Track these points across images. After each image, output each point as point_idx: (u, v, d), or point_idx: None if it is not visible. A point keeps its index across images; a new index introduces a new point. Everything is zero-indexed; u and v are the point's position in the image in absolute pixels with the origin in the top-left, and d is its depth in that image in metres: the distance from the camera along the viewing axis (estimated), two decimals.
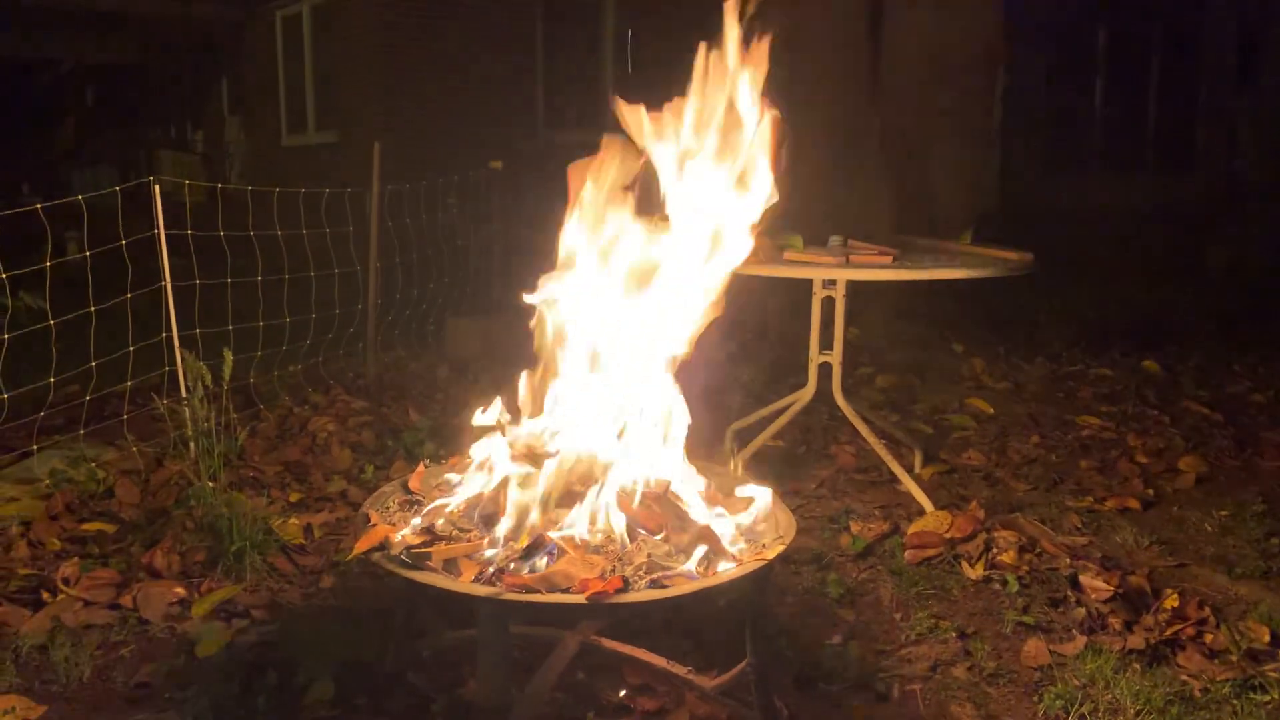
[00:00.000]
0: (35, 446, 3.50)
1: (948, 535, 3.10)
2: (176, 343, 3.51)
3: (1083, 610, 2.67)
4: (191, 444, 3.32)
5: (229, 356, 3.16)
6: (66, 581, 2.73)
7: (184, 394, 3.41)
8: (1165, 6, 11.99)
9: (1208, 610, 2.63)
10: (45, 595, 2.69)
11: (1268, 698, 2.27)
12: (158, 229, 3.55)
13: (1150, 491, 3.64)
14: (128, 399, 3.74)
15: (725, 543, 1.91)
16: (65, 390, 3.72)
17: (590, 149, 2.09)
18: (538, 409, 2.12)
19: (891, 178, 5.86)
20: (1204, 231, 9.37)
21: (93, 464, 3.51)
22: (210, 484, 3.02)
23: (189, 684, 2.29)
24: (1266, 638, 2.52)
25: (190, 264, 3.95)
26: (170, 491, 3.32)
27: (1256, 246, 8.70)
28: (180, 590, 2.72)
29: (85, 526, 3.12)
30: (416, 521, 1.97)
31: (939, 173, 5.94)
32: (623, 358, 2.09)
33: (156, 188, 3.59)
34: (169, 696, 2.26)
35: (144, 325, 3.73)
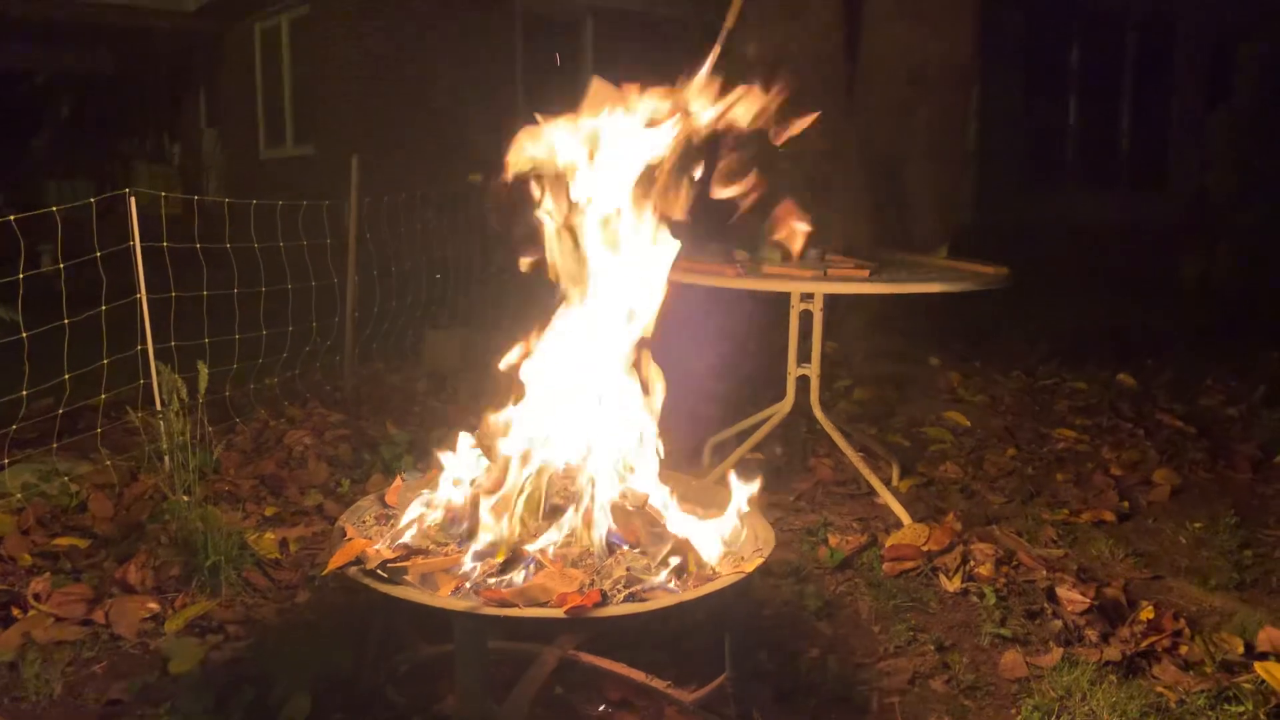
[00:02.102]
0: (7, 460, 3.46)
1: (925, 548, 3.11)
2: (151, 355, 3.48)
3: (1059, 622, 2.69)
4: (166, 458, 3.29)
5: (204, 369, 3.14)
6: (38, 597, 2.69)
7: (159, 407, 3.38)
8: (1137, 24, 12.14)
9: (1182, 622, 2.65)
10: (16, 611, 2.65)
11: (1242, 709, 2.28)
12: (133, 241, 3.53)
13: (1125, 504, 3.67)
14: (102, 412, 3.71)
15: (704, 555, 1.91)
16: (38, 403, 3.69)
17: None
18: (515, 421, 2.12)
19: (868, 192, 5.90)
20: (1177, 246, 9.48)
21: (65, 478, 3.47)
22: (185, 498, 2.99)
23: (162, 701, 2.26)
24: (1240, 649, 2.54)
25: (166, 276, 3.92)
26: (144, 506, 3.28)
27: (1228, 261, 8.81)
28: (154, 605, 2.69)
29: (57, 541, 3.08)
30: (393, 536, 1.96)
31: (915, 188, 5.99)
32: (600, 369, 2.09)
33: (133, 200, 3.57)
34: (142, 714, 2.24)
35: (119, 338, 3.70)
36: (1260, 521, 3.55)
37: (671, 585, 1.80)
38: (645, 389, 2.11)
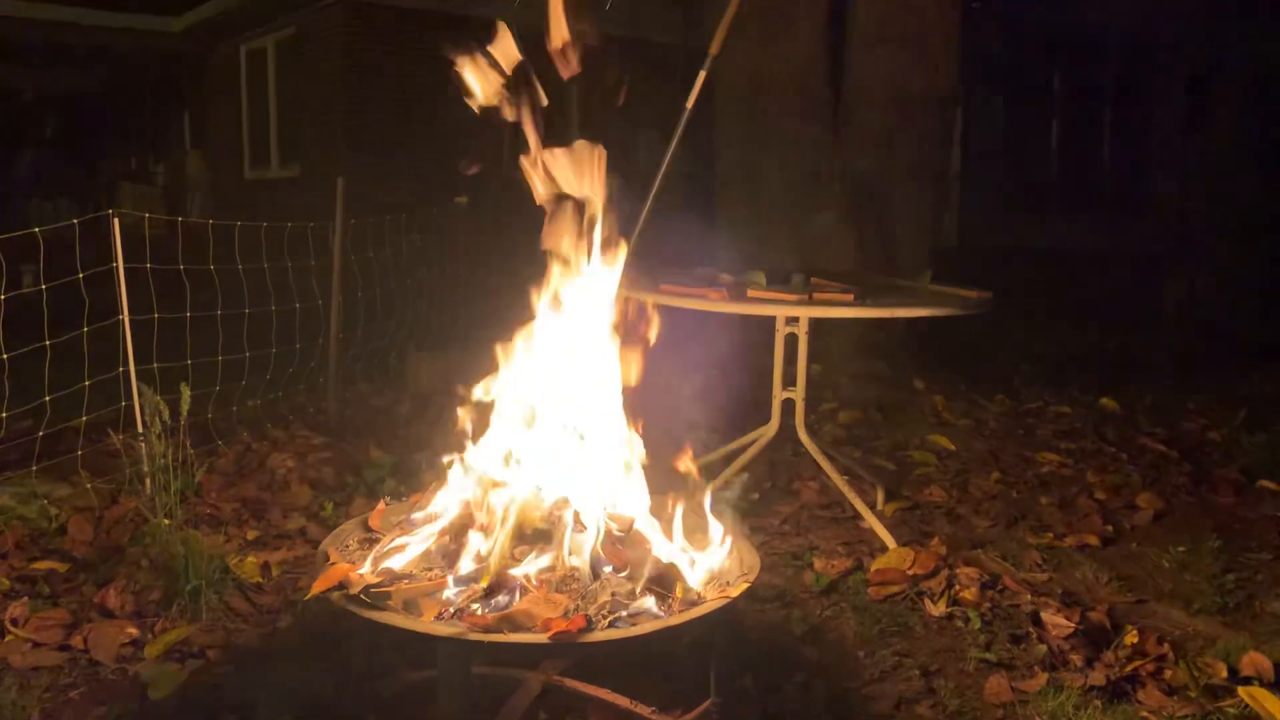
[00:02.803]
0: None
1: (910, 572, 3.11)
2: (134, 377, 3.46)
3: (1044, 647, 2.69)
4: (147, 480, 3.26)
5: (187, 391, 3.12)
6: (15, 622, 2.66)
7: (140, 429, 3.36)
8: (1117, 52, 12.29)
9: (1166, 646, 2.66)
10: None
11: None
12: (116, 262, 3.51)
13: (1109, 528, 3.68)
14: (82, 434, 3.68)
15: (689, 580, 1.90)
16: (18, 425, 3.65)
17: None
18: (499, 444, 2.11)
19: (853, 217, 5.93)
20: (1157, 271, 9.56)
21: (45, 501, 3.43)
22: (166, 521, 2.96)
23: None
24: (1224, 673, 2.54)
25: (149, 297, 3.90)
26: (125, 529, 3.25)
27: (1208, 286, 8.89)
28: (133, 630, 2.66)
29: (36, 565, 3.05)
30: (376, 560, 1.95)
31: (899, 212, 6.02)
32: (584, 393, 2.10)
33: (116, 220, 3.56)
34: None
35: (100, 359, 3.67)
36: (1243, 545, 3.56)
37: (657, 610, 1.79)
38: (631, 410, 2.11)
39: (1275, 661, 2.56)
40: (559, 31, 2.03)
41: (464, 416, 2.15)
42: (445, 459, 2.12)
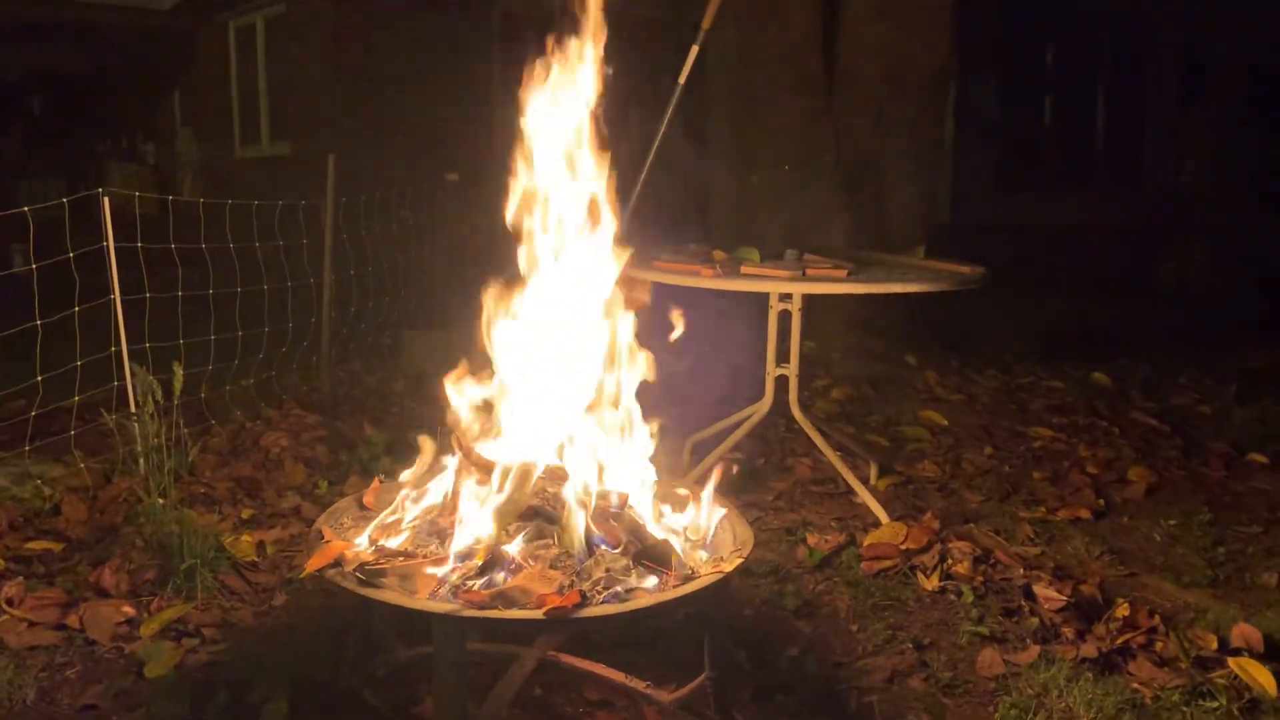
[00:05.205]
0: None
1: (903, 546, 3.13)
2: (126, 357, 3.45)
3: (1036, 620, 2.71)
4: (141, 460, 3.26)
5: (179, 371, 3.11)
6: (10, 602, 2.66)
7: (133, 409, 3.35)
8: (1112, 25, 12.24)
9: (1157, 619, 2.67)
10: None
11: (1216, 704, 2.31)
12: (107, 241, 3.49)
13: (1101, 502, 3.70)
14: (75, 414, 3.67)
15: (683, 556, 1.91)
16: (11, 406, 3.65)
17: None
18: (493, 421, 2.12)
19: (846, 193, 5.92)
20: (1151, 246, 9.57)
21: (39, 481, 3.43)
22: (160, 500, 2.96)
23: (137, 706, 2.24)
24: (1214, 645, 2.56)
25: (140, 277, 3.89)
26: (119, 509, 3.26)
27: (1202, 261, 8.90)
28: (129, 609, 2.66)
29: (30, 545, 3.05)
30: (371, 537, 1.95)
31: (892, 188, 6.01)
32: (577, 369, 2.10)
33: (106, 200, 3.53)
34: (116, 719, 2.22)
35: (93, 339, 3.66)
36: (1233, 518, 3.59)
37: (651, 585, 1.80)
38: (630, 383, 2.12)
39: (1265, 633, 2.58)
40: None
41: (455, 393, 2.16)
42: (438, 435, 2.12)
